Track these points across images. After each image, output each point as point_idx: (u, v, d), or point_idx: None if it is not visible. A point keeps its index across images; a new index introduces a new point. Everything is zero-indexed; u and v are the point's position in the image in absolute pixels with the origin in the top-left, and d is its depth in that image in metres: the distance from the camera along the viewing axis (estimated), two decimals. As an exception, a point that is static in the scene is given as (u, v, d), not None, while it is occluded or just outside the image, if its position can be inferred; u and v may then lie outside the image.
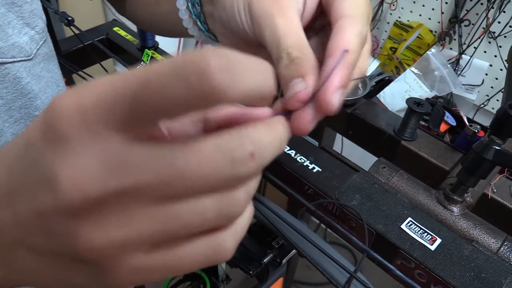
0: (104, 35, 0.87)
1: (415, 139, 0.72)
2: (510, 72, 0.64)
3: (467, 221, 0.56)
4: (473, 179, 0.54)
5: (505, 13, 1.04)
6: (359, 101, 0.79)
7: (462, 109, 1.23)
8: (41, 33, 0.44)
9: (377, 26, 1.31)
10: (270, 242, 0.43)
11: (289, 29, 0.26)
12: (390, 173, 0.61)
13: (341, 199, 0.55)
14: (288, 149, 0.61)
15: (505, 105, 0.60)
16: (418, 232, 0.52)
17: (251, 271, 0.42)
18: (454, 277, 0.48)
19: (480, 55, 1.14)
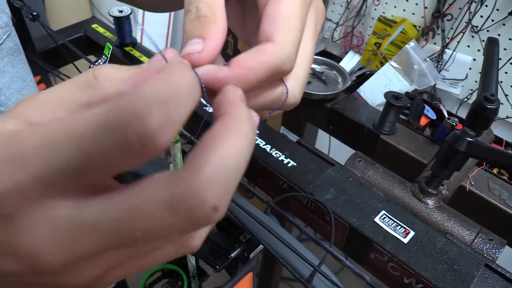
0: (82, 32, 0.86)
1: (394, 132, 0.72)
2: (485, 65, 0.64)
3: (441, 213, 0.56)
4: (446, 171, 0.54)
5: (487, 7, 1.04)
6: (339, 95, 0.79)
7: (446, 104, 1.23)
8: (4, 27, 0.43)
9: (362, 22, 1.31)
10: (238, 236, 0.43)
11: None
12: (366, 166, 0.61)
13: (315, 193, 0.54)
14: (264, 144, 0.61)
15: (480, 97, 0.60)
16: (391, 225, 0.51)
17: (218, 265, 0.41)
18: (426, 269, 0.47)
19: (464, 50, 1.14)
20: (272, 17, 0.23)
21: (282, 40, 0.23)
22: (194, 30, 0.23)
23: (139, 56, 0.79)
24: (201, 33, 0.23)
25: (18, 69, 0.46)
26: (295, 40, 0.24)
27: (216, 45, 0.23)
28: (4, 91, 0.44)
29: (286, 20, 0.23)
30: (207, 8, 0.23)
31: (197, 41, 0.22)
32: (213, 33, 0.23)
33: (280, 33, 0.23)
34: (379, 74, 0.91)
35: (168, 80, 0.17)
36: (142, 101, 0.16)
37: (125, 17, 0.78)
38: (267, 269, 1.08)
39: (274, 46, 0.23)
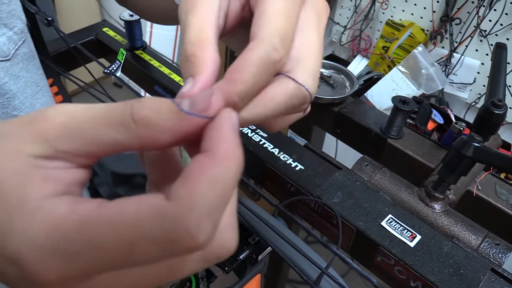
0: (93, 36, 0.87)
1: (401, 137, 0.72)
2: (493, 70, 0.64)
3: (448, 218, 0.56)
4: (453, 176, 0.54)
5: (496, 11, 1.04)
6: (347, 99, 0.80)
7: (454, 108, 1.23)
8: (19, 33, 0.44)
9: (369, 25, 1.32)
10: (246, 238, 0.43)
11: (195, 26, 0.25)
12: (373, 170, 0.62)
13: (322, 197, 0.55)
14: (272, 147, 0.62)
15: (487, 103, 0.60)
16: (398, 229, 0.52)
17: (227, 267, 0.42)
18: (432, 273, 0.48)
19: (472, 54, 1.14)
20: (255, 20, 0.24)
21: (263, 34, 0.23)
22: (185, 70, 0.24)
23: (149, 59, 0.81)
24: (190, 73, 0.24)
25: (32, 74, 0.47)
26: (277, 32, 0.24)
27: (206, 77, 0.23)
28: (19, 96, 0.45)
29: (267, 17, 0.24)
30: (192, 46, 0.24)
31: (189, 81, 0.23)
32: (201, 69, 0.23)
33: (261, 30, 0.24)
34: (387, 78, 0.91)
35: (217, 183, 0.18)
36: (194, 216, 0.18)
37: (135, 21, 0.79)
38: (273, 271, 1.09)
39: (256, 41, 0.23)
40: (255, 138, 0.63)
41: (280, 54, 0.24)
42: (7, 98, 0.43)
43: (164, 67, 0.79)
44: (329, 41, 1.46)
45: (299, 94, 0.25)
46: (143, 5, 0.52)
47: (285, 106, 0.25)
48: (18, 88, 0.44)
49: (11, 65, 0.43)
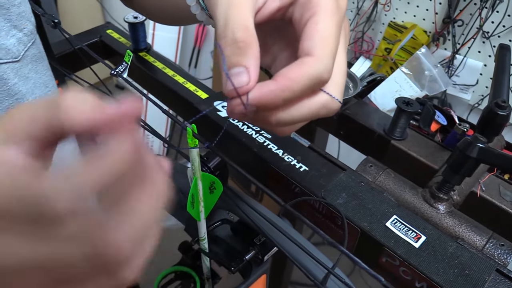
0: (98, 38, 0.88)
1: (405, 138, 0.72)
2: (497, 71, 0.64)
3: (452, 219, 0.56)
4: (458, 177, 0.54)
5: (498, 13, 1.05)
6: (350, 101, 0.80)
7: (457, 109, 1.23)
8: (29, 35, 0.45)
9: (372, 27, 1.32)
10: (252, 239, 0.44)
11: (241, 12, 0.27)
12: (377, 171, 0.62)
13: (327, 198, 0.55)
14: (276, 149, 0.62)
15: (491, 104, 0.60)
16: (402, 230, 0.52)
17: (233, 267, 0.42)
18: (437, 274, 0.48)
19: (474, 55, 1.14)
20: (311, 35, 0.27)
21: (321, 54, 0.26)
22: (233, 55, 0.26)
23: (153, 61, 0.81)
24: (242, 62, 0.25)
25: (41, 75, 0.47)
26: (332, 54, 0.27)
27: (257, 71, 0.26)
28: (28, 97, 0.45)
29: (324, 38, 0.26)
30: (243, 33, 0.26)
31: (241, 70, 0.25)
32: (254, 60, 0.26)
33: (318, 48, 0.26)
34: (390, 79, 0.91)
35: None
36: None
37: (139, 23, 0.79)
38: (276, 273, 1.09)
39: (314, 59, 0.26)
40: (259, 140, 0.63)
41: (330, 75, 0.27)
42: (17, 99, 0.43)
43: (168, 68, 0.79)
44: (331, 43, 1.46)
45: (329, 106, 0.28)
46: (151, 5, 0.52)
47: (316, 115, 0.28)
48: (28, 89, 0.45)
49: (20, 66, 0.43)
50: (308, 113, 0.28)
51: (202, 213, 0.38)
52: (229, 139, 0.65)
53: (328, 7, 0.27)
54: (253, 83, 0.25)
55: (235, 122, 0.66)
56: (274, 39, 0.34)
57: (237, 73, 0.25)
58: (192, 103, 0.72)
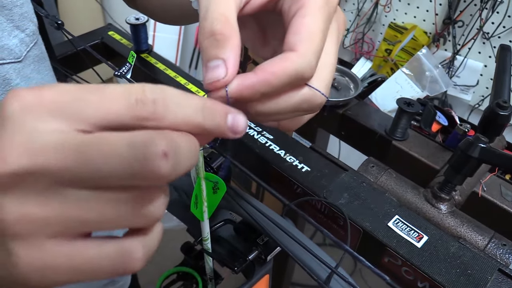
0: (99, 39, 0.88)
1: (406, 139, 0.73)
2: (497, 72, 0.65)
3: (454, 218, 0.56)
4: (459, 177, 0.54)
5: (498, 14, 1.05)
6: (351, 101, 0.80)
7: (457, 110, 1.24)
8: (31, 35, 0.45)
9: (372, 28, 1.32)
10: (255, 239, 0.44)
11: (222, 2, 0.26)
12: (378, 172, 0.62)
13: (329, 198, 0.55)
14: (278, 149, 0.62)
15: (492, 104, 0.60)
16: (405, 230, 0.52)
17: (236, 267, 0.42)
18: (440, 273, 0.48)
19: (475, 56, 1.14)
20: (296, 29, 0.26)
21: (304, 50, 0.25)
22: (211, 48, 0.25)
23: (154, 62, 0.81)
24: (220, 54, 0.25)
25: (43, 75, 0.47)
26: (316, 51, 0.26)
27: (236, 64, 0.25)
28: None
29: (309, 33, 0.26)
30: (222, 25, 0.25)
31: (218, 63, 0.25)
32: (232, 53, 0.25)
33: (302, 44, 0.25)
34: (391, 80, 0.92)
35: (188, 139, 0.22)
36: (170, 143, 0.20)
37: (141, 24, 0.80)
38: (277, 274, 1.09)
39: (296, 54, 0.25)
40: (261, 140, 0.63)
41: (312, 73, 0.26)
42: (19, 100, 0.43)
43: (169, 70, 0.79)
44: (332, 44, 1.46)
45: (311, 100, 0.27)
46: (153, 5, 0.52)
47: (297, 109, 0.27)
48: None
49: (22, 67, 0.44)
50: (288, 107, 0.27)
51: (206, 213, 0.39)
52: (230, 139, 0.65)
53: (317, 1, 0.26)
54: (230, 76, 0.25)
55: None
56: (273, 31, 0.33)
57: (214, 66, 0.25)
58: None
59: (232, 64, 0.25)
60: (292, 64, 0.25)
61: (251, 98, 0.25)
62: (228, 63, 0.25)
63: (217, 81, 0.25)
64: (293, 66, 0.25)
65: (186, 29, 2.12)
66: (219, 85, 0.25)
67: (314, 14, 0.26)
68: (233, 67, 0.25)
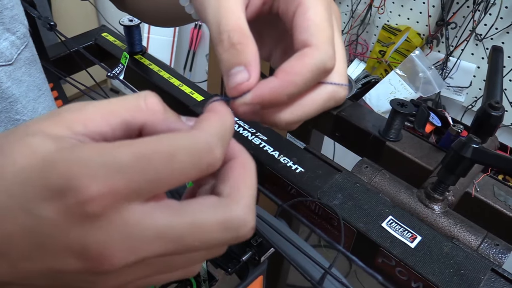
0: (93, 41, 0.88)
1: (399, 139, 0.73)
2: (490, 73, 0.65)
3: (448, 219, 0.57)
4: (453, 177, 0.55)
5: (491, 15, 1.06)
6: (345, 103, 0.80)
7: (451, 111, 1.24)
8: (22, 38, 0.44)
9: (366, 30, 1.33)
10: (249, 240, 0.44)
11: (232, 13, 0.26)
12: (372, 172, 0.62)
13: (323, 199, 0.55)
14: (272, 150, 0.62)
15: (484, 105, 0.61)
16: (398, 230, 0.52)
17: (230, 269, 0.42)
18: (433, 273, 0.48)
19: (468, 57, 1.15)
20: (303, 26, 0.26)
21: (319, 42, 0.25)
22: (232, 58, 0.25)
23: (148, 64, 0.81)
24: (241, 61, 0.25)
25: (34, 78, 0.47)
26: (330, 40, 0.26)
27: (258, 68, 0.25)
28: (21, 100, 0.45)
29: (317, 25, 0.26)
30: (239, 35, 0.25)
31: (240, 69, 0.25)
32: (253, 58, 0.25)
33: (314, 37, 0.25)
34: (385, 81, 0.92)
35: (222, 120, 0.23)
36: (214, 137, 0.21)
37: (135, 26, 0.79)
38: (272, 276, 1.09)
39: (313, 48, 0.25)
40: (255, 141, 0.63)
41: (334, 62, 0.26)
42: (10, 102, 0.43)
43: (163, 71, 0.79)
44: (326, 45, 1.47)
45: (336, 96, 0.27)
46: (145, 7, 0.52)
47: (322, 107, 0.27)
48: (21, 92, 0.44)
49: (13, 70, 0.43)
50: (315, 108, 0.27)
51: (199, 215, 0.38)
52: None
53: None
54: (254, 79, 0.25)
55: (231, 124, 0.66)
56: (268, 32, 0.33)
57: (236, 72, 0.25)
58: (187, 106, 0.72)
59: (254, 68, 0.25)
60: (312, 59, 0.25)
61: (276, 102, 0.25)
62: (250, 68, 0.25)
63: (241, 84, 0.25)
64: (313, 60, 0.25)
65: (180, 31, 2.12)
66: (243, 88, 0.25)
67: (315, 7, 0.26)
68: (256, 71, 0.25)
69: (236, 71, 0.25)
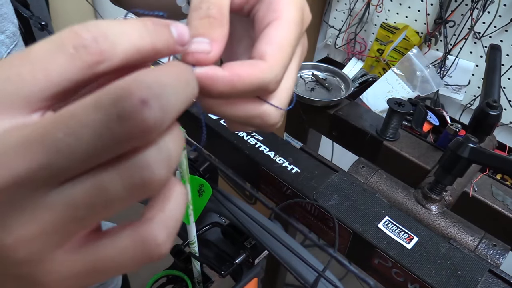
0: (88, 40, 0.87)
1: (397, 139, 0.72)
2: (488, 71, 0.64)
3: (445, 219, 0.56)
4: (450, 177, 0.54)
5: (489, 13, 1.05)
6: (342, 102, 0.80)
7: (449, 110, 1.24)
8: (11, 37, 0.44)
9: (364, 28, 1.32)
10: (243, 242, 0.43)
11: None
12: (369, 172, 0.61)
13: (319, 200, 0.55)
14: (268, 150, 0.61)
15: (482, 104, 0.60)
16: (395, 231, 0.52)
17: (223, 271, 0.42)
18: (430, 275, 0.48)
19: (466, 56, 1.15)
20: (269, 39, 0.25)
21: (274, 62, 0.25)
22: (201, 28, 0.24)
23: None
24: (209, 34, 0.24)
25: None
26: (284, 66, 0.25)
27: (221, 49, 0.24)
28: None
29: (281, 45, 0.25)
30: (217, 10, 0.24)
31: (204, 41, 0.23)
32: (221, 36, 0.24)
33: (273, 56, 0.25)
34: (382, 80, 0.91)
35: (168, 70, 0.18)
36: (143, 85, 0.17)
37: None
38: (270, 275, 1.08)
39: (266, 64, 0.24)
40: (251, 141, 0.63)
41: (277, 87, 0.25)
42: (0, 102, 0.42)
43: (159, 71, 0.79)
44: (324, 44, 1.46)
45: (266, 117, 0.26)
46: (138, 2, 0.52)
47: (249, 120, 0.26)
48: None
49: None
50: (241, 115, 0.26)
51: (191, 217, 0.38)
52: (220, 141, 0.65)
53: (292, 18, 0.26)
54: (213, 57, 0.23)
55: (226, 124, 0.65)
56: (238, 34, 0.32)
57: (201, 41, 0.23)
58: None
59: (217, 48, 0.24)
60: (260, 73, 0.24)
61: (208, 91, 0.23)
62: (214, 45, 0.24)
63: (199, 53, 0.23)
64: (260, 74, 0.24)
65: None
66: (199, 58, 0.23)
67: (288, 29, 0.25)
68: (217, 51, 0.24)
69: (201, 41, 0.23)
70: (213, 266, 0.42)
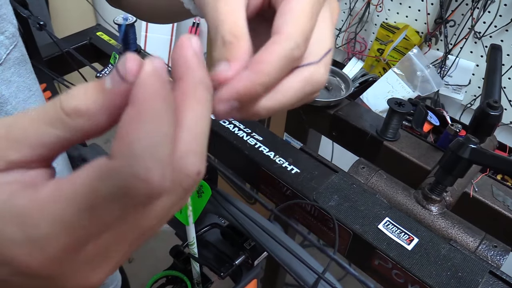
0: (87, 40, 0.87)
1: (397, 139, 0.72)
2: (488, 71, 0.64)
3: (445, 220, 0.56)
4: (450, 178, 0.54)
5: (490, 13, 1.05)
6: (342, 102, 0.79)
7: (450, 110, 1.23)
8: (11, 38, 0.44)
9: (364, 28, 1.32)
10: (242, 243, 0.43)
11: (229, 14, 0.26)
12: (369, 173, 0.61)
13: (319, 200, 0.54)
14: (267, 151, 0.61)
15: (483, 104, 0.60)
16: (395, 232, 0.51)
17: (222, 272, 0.41)
18: (430, 276, 0.47)
19: (467, 55, 1.14)
20: (282, 13, 0.26)
21: (289, 31, 0.25)
22: (219, 56, 0.25)
23: (143, 63, 0.80)
24: (227, 57, 0.24)
25: (24, 78, 0.46)
26: (302, 30, 0.26)
27: (241, 66, 0.24)
28: (11, 101, 0.44)
29: (294, 15, 0.26)
30: (231, 36, 0.25)
31: (223, 63, 0.24)
32: (238, 55, 0.24)
33: (287, 26, 0.25)
34: (382, 80, 0.91)
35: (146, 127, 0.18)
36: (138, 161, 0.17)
37: (129, 24, 0.78)
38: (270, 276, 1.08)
39: (282, 36, 0.25)
40: (251, 142, 0.63)
41: (301, 52, 0.26)
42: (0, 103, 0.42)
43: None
44: (324, 44, 1.46)
45: (312, 80, 0.27)
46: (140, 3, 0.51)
47: (301, 92, 0.27)
48: (10, 93, 0.44)
49: (2, 70, 0.42)
50: (293, 92, 0.26)
51: (191, 218, 0.38)
52: (219, 141, 0.64)
53: None
54: (232, 73, 0.24)
55: (225, 124, 0.65)
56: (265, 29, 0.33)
57: (218, 65, 0.24)
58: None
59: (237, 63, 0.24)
60: (279, 47, 0.25)
61: (251, 93, 0.24)
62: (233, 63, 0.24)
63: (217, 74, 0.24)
64: (280, 47, 0.25)
65: (178, 29, 2.11)
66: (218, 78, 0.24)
67: None
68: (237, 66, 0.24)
69: (218, 64, 0.24)
70: (213, 267, 0.42)
